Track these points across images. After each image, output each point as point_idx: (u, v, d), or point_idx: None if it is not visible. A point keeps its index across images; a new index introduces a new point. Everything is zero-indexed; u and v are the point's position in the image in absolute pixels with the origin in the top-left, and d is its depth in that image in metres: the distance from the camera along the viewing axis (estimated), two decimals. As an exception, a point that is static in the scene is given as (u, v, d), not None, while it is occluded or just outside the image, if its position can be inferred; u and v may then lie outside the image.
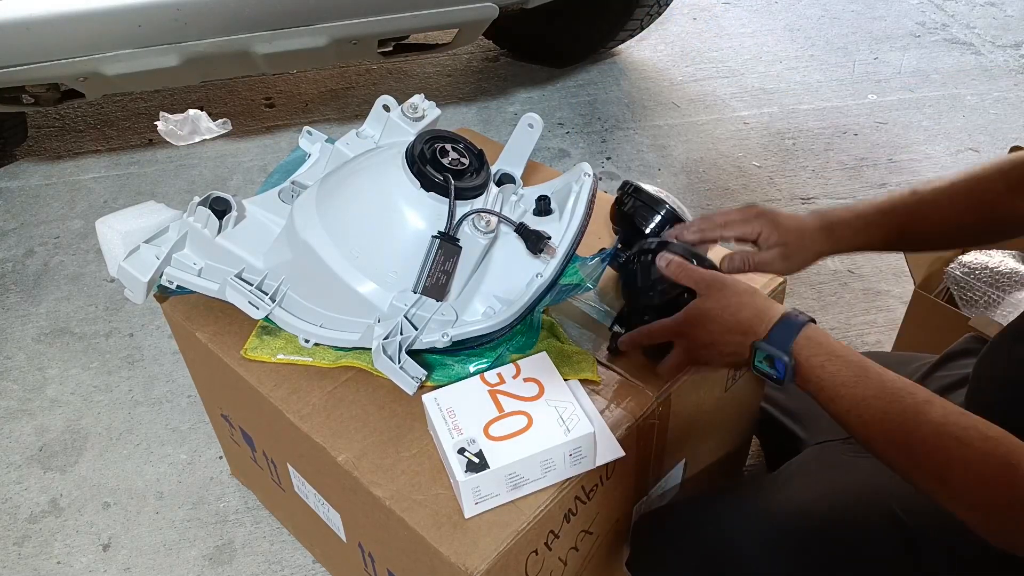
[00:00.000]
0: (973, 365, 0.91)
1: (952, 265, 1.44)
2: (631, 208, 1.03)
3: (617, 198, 1.06)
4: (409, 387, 0.93)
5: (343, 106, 2.54)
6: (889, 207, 0.93)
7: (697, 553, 0.95)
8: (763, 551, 0.90)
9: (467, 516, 0.82)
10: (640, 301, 0.95)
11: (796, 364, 0.75)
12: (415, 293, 0.91)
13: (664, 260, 0.87)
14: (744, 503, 0.97)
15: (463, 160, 0.96)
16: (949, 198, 0.92)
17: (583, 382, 0.95)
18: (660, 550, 1.00)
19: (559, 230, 0.96)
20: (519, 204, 1.00)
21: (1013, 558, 0.65)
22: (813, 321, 0.77)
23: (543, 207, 0.99)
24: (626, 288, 0.98)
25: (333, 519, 1.06)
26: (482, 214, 0.92)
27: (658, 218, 1.01)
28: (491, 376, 0.90)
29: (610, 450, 0.86)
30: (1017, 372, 0.80)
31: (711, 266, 0.90)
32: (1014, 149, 1.51)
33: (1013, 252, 1.43)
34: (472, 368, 0.96)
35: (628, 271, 0.95)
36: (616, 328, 0.99)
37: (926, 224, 0.93)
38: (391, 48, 1.92)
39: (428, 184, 0.92)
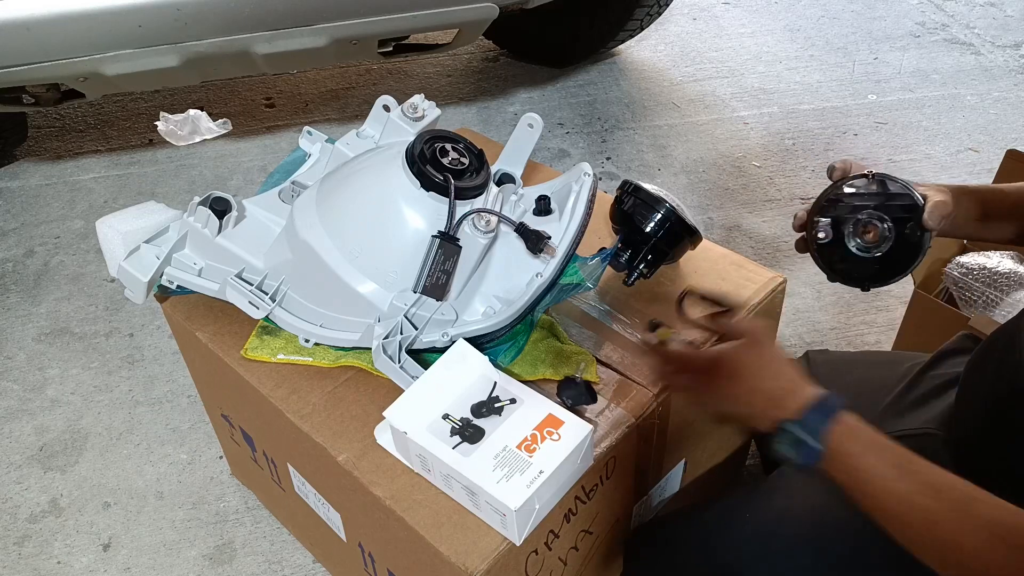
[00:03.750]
0: (962, 372, 0.90)
1: (950, 266, 1.44)
2: (631, 207, 1.03)
3: (617, 197, 1.06)
4: (409, 387, 0.93)
5: (343, 106, 2.54)
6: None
7: (688, 566, 0.95)
8: (753, 560, 0.89)
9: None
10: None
11: (828, 453, 0.70)
12: (415, 293, 0.91)
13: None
14: (734, 513, 0.97)
15: (463, 160, 0.96)
16: None
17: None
18: (652, 565, 1.01)
19: (559, 230, 0.96)
20: (519, 204, 1.00)
21: None
22: (846, 405, 0.72)
23: (543, 207, 0.99)
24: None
25: (333, 519, 1.06)
26: (482, 214, 0.92)
27: (658, 216, 1.02)
28: None
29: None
30: (1004, 384, 0.79)
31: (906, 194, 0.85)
32: (1011, 152, 1.51)
33: (1011, 252, 1.43)
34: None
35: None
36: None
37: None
38: (391, 48, 1.92)
39: (428, 184, 0.92)
